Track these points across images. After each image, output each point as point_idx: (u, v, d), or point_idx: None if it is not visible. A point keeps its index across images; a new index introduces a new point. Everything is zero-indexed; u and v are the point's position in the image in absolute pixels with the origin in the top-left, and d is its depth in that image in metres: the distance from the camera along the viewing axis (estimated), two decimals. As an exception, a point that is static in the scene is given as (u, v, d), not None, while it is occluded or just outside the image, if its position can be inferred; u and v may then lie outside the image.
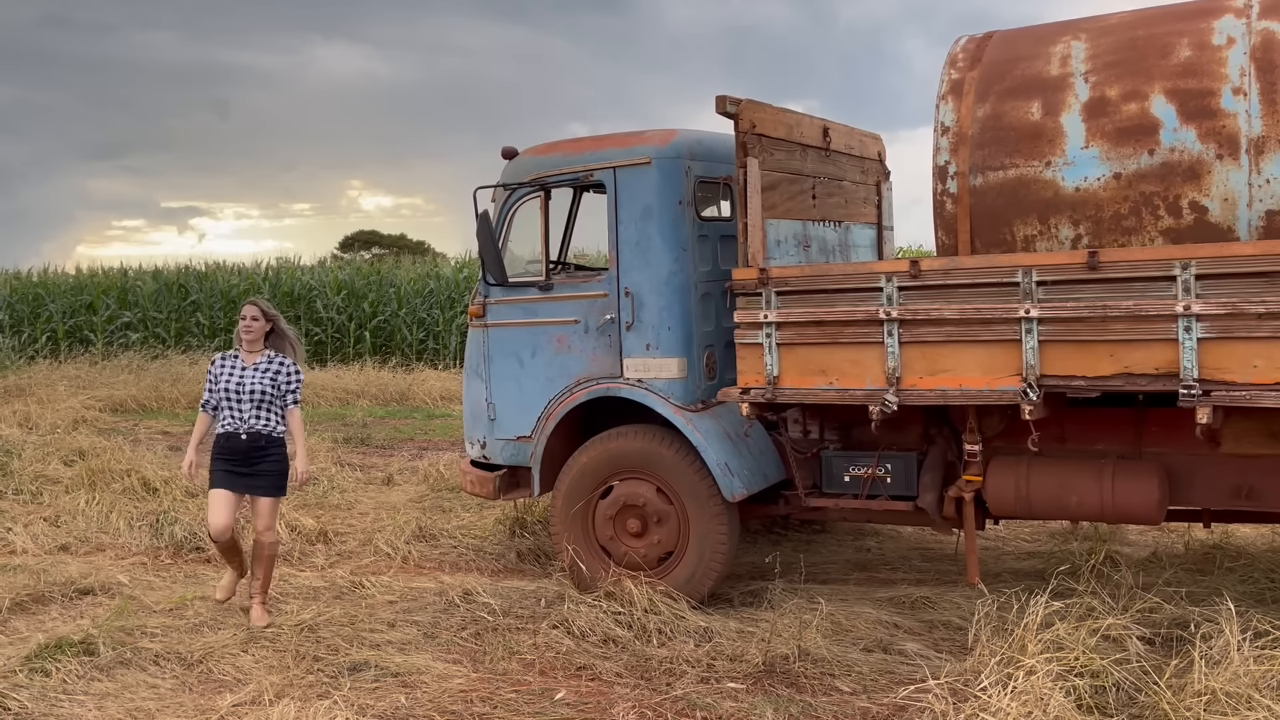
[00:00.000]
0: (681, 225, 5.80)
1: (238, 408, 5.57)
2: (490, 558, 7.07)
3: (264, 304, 5.74)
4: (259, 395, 5.56)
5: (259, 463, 5.58)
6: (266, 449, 5.60)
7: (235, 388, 5.57)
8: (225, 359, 5.70)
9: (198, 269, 22.13)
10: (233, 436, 5.59)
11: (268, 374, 5.61)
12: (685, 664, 4.97)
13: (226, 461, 5.58)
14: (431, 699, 4.67)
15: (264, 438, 5.59)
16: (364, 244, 44.66)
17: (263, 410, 5.58)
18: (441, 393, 15.93)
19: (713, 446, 5.62)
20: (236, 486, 5.59)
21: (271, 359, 5.65)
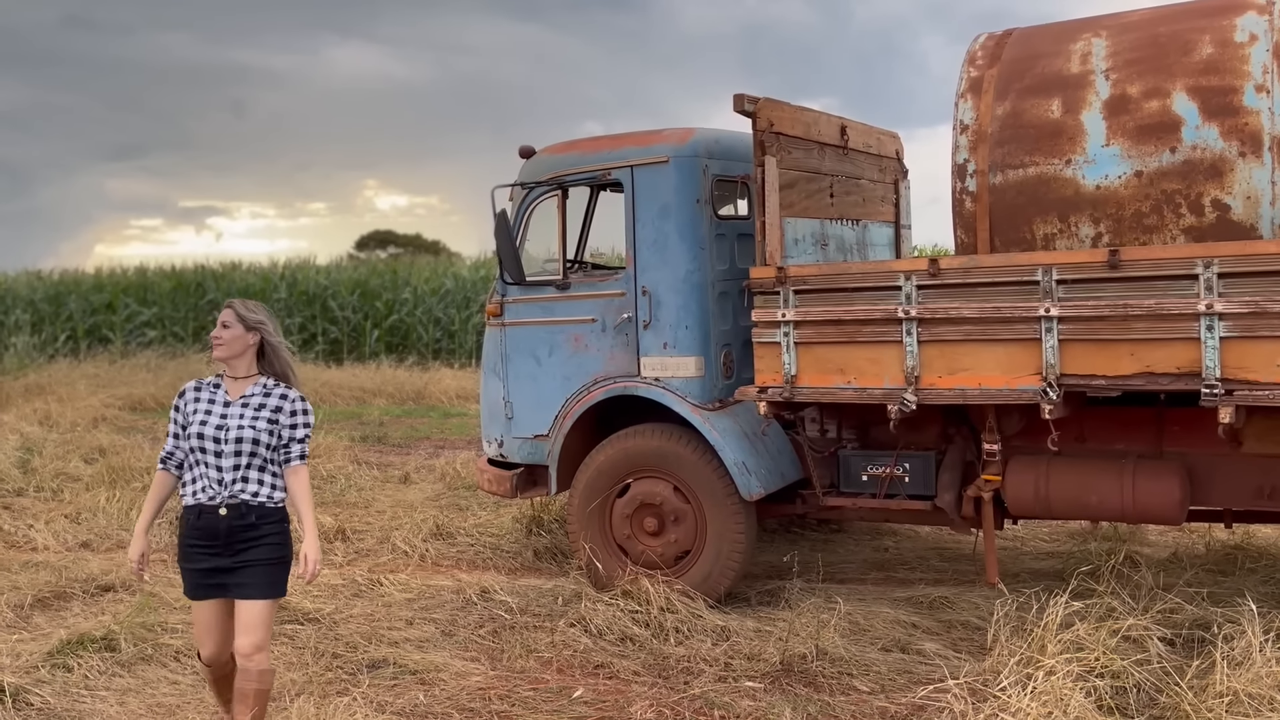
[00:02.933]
0: (699, 224, 5.80)
1: (214, 465, 3.69)
2: (507, 556, 7.08)
3: (246, 307, 3.86)
4: (249, 445, 3.70)
5: (246, 549, 3.70)
6: (258, 528, 3.71)
7: (213, 434, 3.69)
8: (202, 388, 3.83)
9: (214, 268, 22.28)
10: (207, 512, 3.68)
11: (263, 412, 3.75)
12: (703, 663, 4.97)
13: (201, 551, 3.71)
14: (450, 696, 4.68)
15: (254, 511, 3.70)
16: (379, 243, 44.85)
17: (253, 470, 3.72)
18: (457, 391, 15.98)
19: (730, 445, 5.61)
20: (225, 589, 3.76)
21: (269, 390, 3.80)
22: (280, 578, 3.78)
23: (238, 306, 3.86)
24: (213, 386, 3.83)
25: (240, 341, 3.79)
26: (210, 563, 3.71)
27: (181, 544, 3.76)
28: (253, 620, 3.72)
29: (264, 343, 3.82)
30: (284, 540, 3.79)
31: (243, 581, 3.71)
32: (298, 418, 3.83)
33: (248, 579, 3.71)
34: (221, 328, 3.80)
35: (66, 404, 13.89)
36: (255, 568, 3.71)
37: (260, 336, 3.81)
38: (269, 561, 3.73)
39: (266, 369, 3.84)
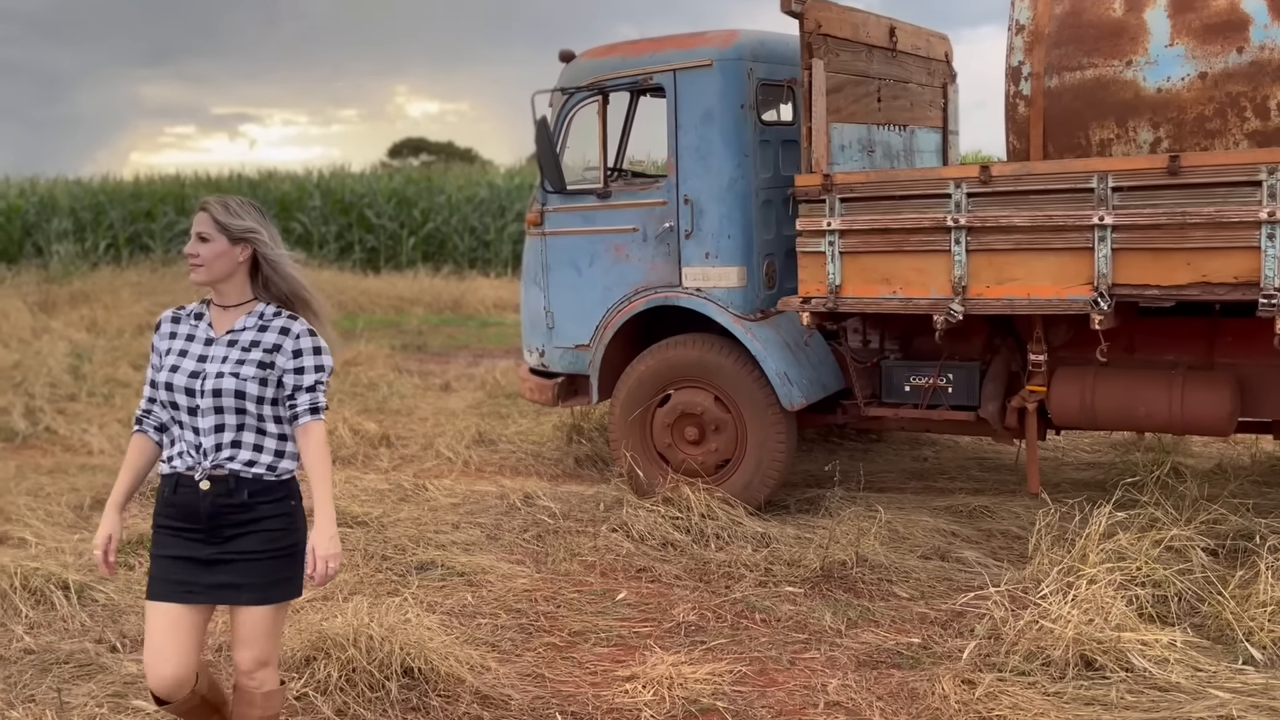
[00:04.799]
0: (743, 130, 5.69)
1: (190, 425, 2.75)
2: (548, 463, 7.18)
3: (228, 209, 2.78)
4: (231, 400, 2.72)
5: (236, 536, 2.74)
6: (251, 508, 2.74)
7: (185, 384, 2.73)
8: (181, 320, 2.85)
9: (250, 176, 22.27)
10: (184, 485, 2.74)
11: (253, 353, 2.75)
12: (743, 568, 5.05)
13: (173, 534, 2.76)
14: (497, 597, 4.80)
15: (245, 487, 2.73)
16: (412, 150, 44.62)
17: (246, 431, 2.75)
18: (494, 301, 16.05)
19: (772, 356, 5.60)
20: (196, 593, 2.75)
21: (267, 321, 2.80)
22: (288, 573, 2.76)
23: (216, 209, 2.74)
24: (194, 318, 2.81)
25: (225, 259, 2.73)
26: (183, 550, 2.69)
27: (155, 523, 2.79)
28: (253, 632, 2.76)
29: (257, 257, 2.78)
30: (292, 523, 2.78)
31: (233, 581, 2.70)
32: (304, 358, 2.75)
33: (241, 577, 2.70)
34: (197, 241, 2.73)
35: (112, 311, 14.10)
36: (250, 562, 2.70)
37: (251, 249, 2.76)
38: (270, 554, 2.72)
39: (264, 293, 2.80)
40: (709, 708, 3.67)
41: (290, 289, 2.83)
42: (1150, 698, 3.58)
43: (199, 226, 2.76)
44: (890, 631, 4.32)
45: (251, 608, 2.77)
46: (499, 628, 4.45)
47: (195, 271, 2.78)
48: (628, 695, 3.77)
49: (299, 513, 2.84)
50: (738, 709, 3.66)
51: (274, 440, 2.79)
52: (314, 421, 2.79)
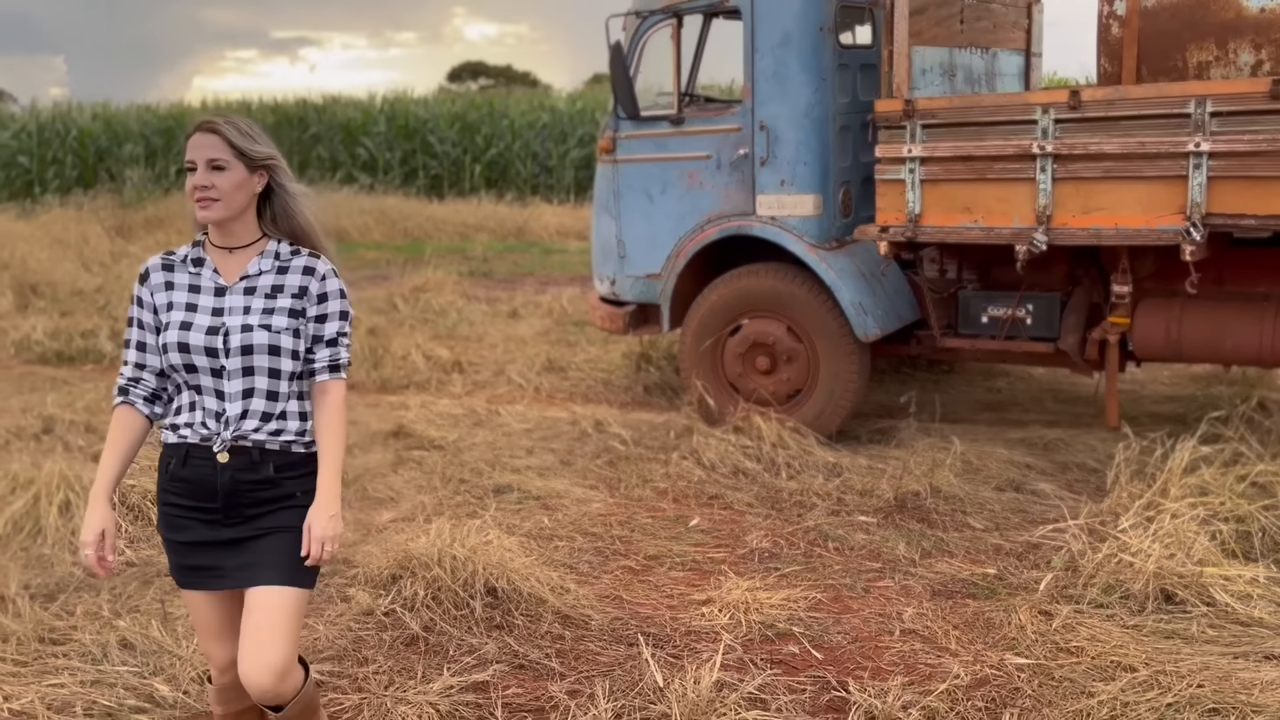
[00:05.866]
0: (822, 53, 5.56)
1: (212, 389, 2.34)
2: (618, 390, 7.25)
3: (241, 131, 2.35)
4: (265, 357, 2.33)
5: (261, 515, 2.36)
6: (278, 484, 2.37)
7: (205, 343, 2.31)
8: (175, 268, 2.38)
9: (315, 102, 22.35)
10: (199, 458, 2.34)
11: (280, 298, 2.36)
12: (815, 497, 5.09)
13: (186, 514, 2.36)
14: (572, 521, 4.91)
15: (272, 459, 2.36)
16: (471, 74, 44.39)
17: (274, 394, 2.36)
18: (557, 227, 16.06)
19: (847, 286, 5.55)
20: (226, 577, 2.38)
21: (285, 260, 2.40)
22: None
23: (230, 132, 2.31)
24: (191, 264, 2.35)
25: (244, 191, 2.32)
26: (201, 532, 2.33)
27: (160, 500, 2.38)
28: (271, 621, 2.29)
29: (273, 187, 2.38)
30: None
31: (255, 560, 2.32)
32: (329, 304, 2.36)
33: (264, 556, 2.32)
34: (210, 170, 2.28)
35: (185, 235, 14.28)
36: (275, 538, 2.33)
37: (266, 179, 2.38)
38: (297, 532, 2.34)
39: (273, 228, 2.41)
40: (785, 632, 3.73)
41: (301, 226, 2.43)
42: (1232, 632, 3.56)
43: (211, 152, 2.29)
44: (965, 562, 4.33)
45: (273, 589, 2.29)
46: (575, 550, 4.55)
47: (209, 208, 2.29)
48: (704, 618, 3.85)
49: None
50: (814, 634, 3.72)
51: (301, 403, 2.39)
52: (334, 380, 2.38)
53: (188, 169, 2.33)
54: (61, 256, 12.00)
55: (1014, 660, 3.43)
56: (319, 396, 2.39)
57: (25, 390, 7.29)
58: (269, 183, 2.40)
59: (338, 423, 2.39)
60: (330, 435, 2.38)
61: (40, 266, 11.22)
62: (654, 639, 3.65)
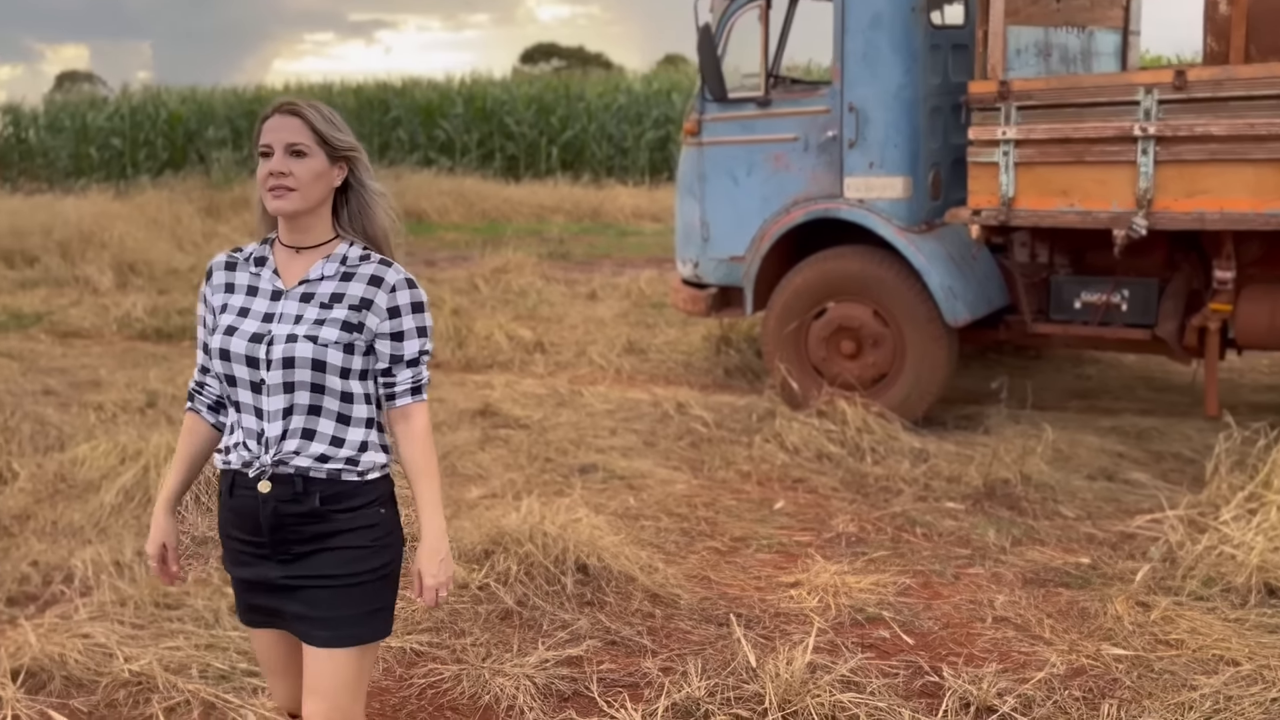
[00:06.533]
0: (914, 34, 5.49)
1: (251, 406, 2.06)
2: (699, 373, 7.28)
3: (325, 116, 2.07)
4: (307, 373, 2.01)
5: (308, 554, 2.05)
6: (328, 518, 2.04)
7: (246, 350, 2.03)
8: (238, 265, 2.14)
9: (394, 85, 22.69)
10: (241, 486, 2.07)
11: (338, 309, 2.05)
12: (901, 482, 5.06)
13: (242, 548, 2.10)
14: (657, 501, 4.95)
15: (318, 490, 2.04)
16: (543, 56, 44.60)
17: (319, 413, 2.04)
18: (633, 209, 16.11)
19: (936, 270, 5.49)
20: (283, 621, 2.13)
21: (352, 264, 2.08)
22: (378, 604, 2.07)
23: (313, 115, 2.04)
24: (254, 264, 2.11)
25: (322, 183, 2.05)
26: (253, 570, 2.08)
27: (220, 531, 2.14)
28: (328, 681, 2.05)
29: (351, 182, 2.10)
30: (383, 539, 2.07)
31: (304, 613, 2.05)
32: (404, 319, 2.06)
33: (312, 608, 2.04)
34: (288, 156, 2.00)
35: (275, 217, 14.73)
36: (324, 589, 2.03)
37: (348, 171, 2.10)
38: (351, 580, 2.03)
39: (349, 230, 2.11)
40: (875, 617, 3.73)
41: (379, 227, 2.13)
42: (1340, 629, 3.47)
43: (291, 136, 2.01)
44: (1057, 551, 4.28)
45: (326, 650, 2.03)
46: (662, 530, 4.60)
47: (284, 198, 2.01)
48: (793, 600, 3.87)
49: (392, 523, 2.10)
50: (904, 619, 3.71)
51: (359, 428, 2.06)
52: (416, 404, 2.09)
53: (262, 154, 2.04)
54: (156, 236, 12.41)
55: (1111, 651, 3.39)
56: (400, 423, 2.08)
57: (129, 365, 7.58)
58: (347, 177, 2.10)
59: (427, 451, 2.09)
60: (423, 468, 2.08)
61: (137, 245, 11.62)
62: (744, 620, 3.68)
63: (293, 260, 2.10)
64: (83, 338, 8.82)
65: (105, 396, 6.45)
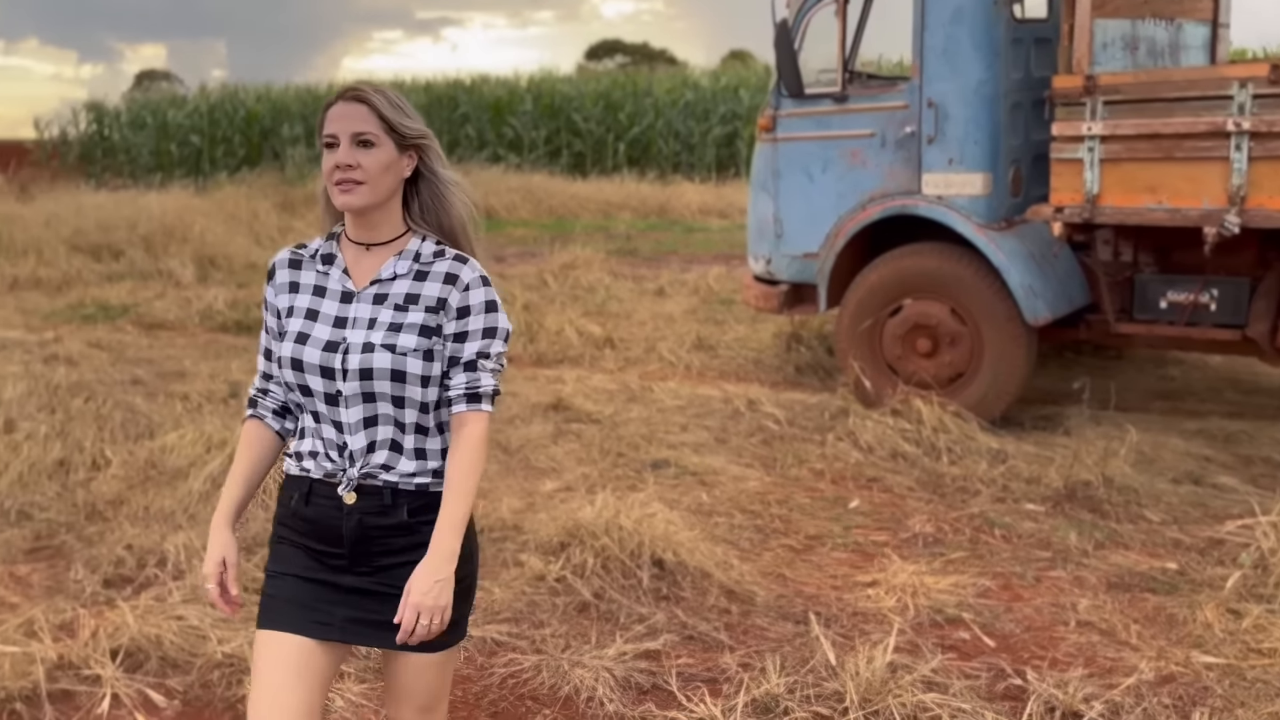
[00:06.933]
0: (995, 28, 5.41)
1: (328, 417, 1.94)
2: (769, 369, 7.26)
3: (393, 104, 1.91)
4: (386, 383, 1.90)
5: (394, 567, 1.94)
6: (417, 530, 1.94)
7: (320, 360, 1.91)
8: (303, 263, 1.99)
9: (464, 82, 22.95)
10: (320, 496, 1.95)
11: (414, 310, 1.91)
12: (979, 482, 4.99)
13: (309, 558, 1.97)
14: (730, 498, 4.95)
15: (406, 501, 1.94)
16: (607, 52, 44.77)
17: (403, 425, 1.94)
18: (700, 206, 16.10)
19: (1016, 268, 5.41)
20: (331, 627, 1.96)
21: (426, 261, 1.94)
22: (460, 612, 1.96)
23: (380, 102, 1.89)
24: (321, 261, 1.97)
25: (392, 174, 1.91)
26: (318, 572, 1.96)
27: (275, 535, 2.02)
28: (418, 683, 2.01)
29: (422, 171, 1.96)
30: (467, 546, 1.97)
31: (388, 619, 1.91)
32: (470, 319, 1.92)
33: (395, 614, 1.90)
34: (355, 146, 1.87)
35: (344, 214, 15.03)
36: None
37: (418, 158, 1.96)
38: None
39: (421, 223, 1.98)
40: (954, 618, 3.70)
41: (455, 220, 1.98)
42: None
43: (358, 125, 1.87)
44: (1142, 555, 4.19)
45: (417, 655, 1.95)
46: (735, 527, 4.60)
47: (352, 191, 1.87)
48: (871, 600, 3.84)
49: (472, 532, 2.00)
50: (984, 621, 3.67)
51: (436, 439, 1.97)
52: (470, 412, 1.91)
53: (326, 145, 1.90)
54: (235, 231, 12.73)
55: (1202, 659, 3.32)
56: (455, 429, 1.93)
57: (211, 357, 7.79)
58: (417, 167, 1.96)
59: (469, 464, 1.90)
60: (458, 479, 1.90)
61: (216, 240, 11.94)
62: (822, 618, 3.67)
63: (362, 258, 1.96)
64: (167, 329, 9.09)
65: (190, 387, 6.64)
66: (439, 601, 1.87)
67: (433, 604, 1.86)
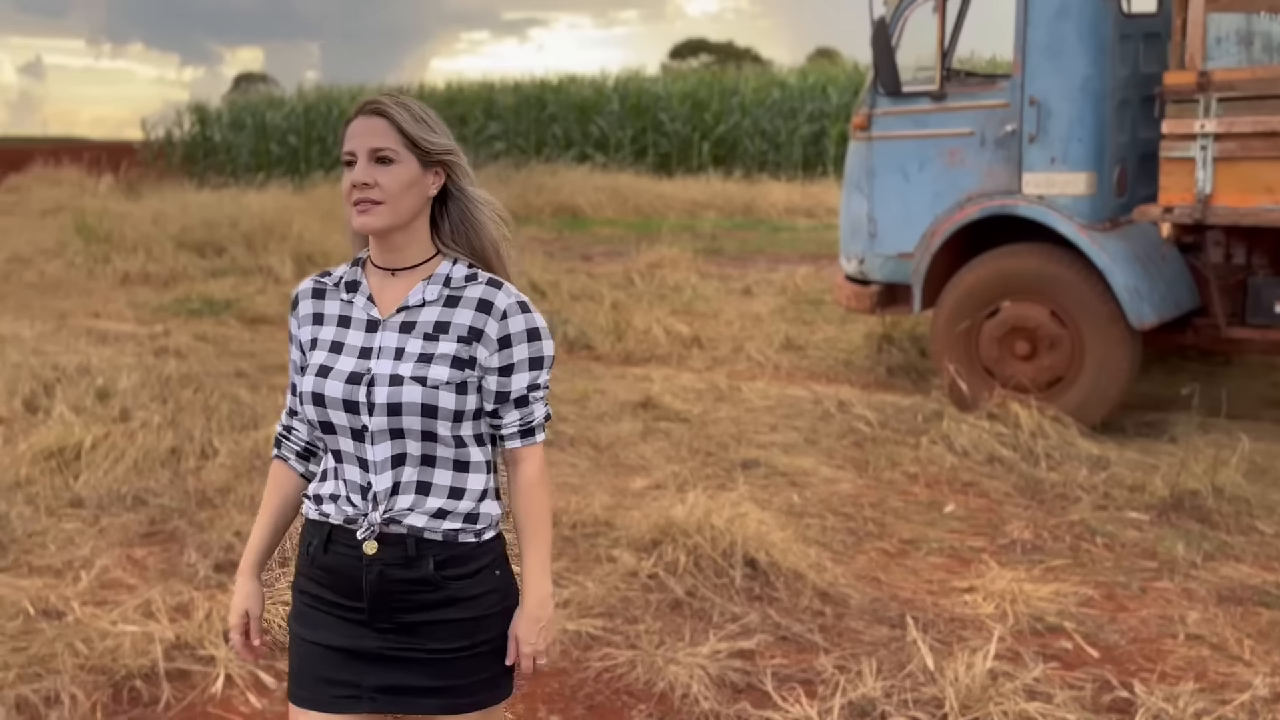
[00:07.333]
0: (1103, 23, 5.27)
1: (353, 455, 1.76)
2: (859, 370, 7.18)
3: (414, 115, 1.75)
4: (416, 419, 1.72)
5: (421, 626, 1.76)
6: (443, 586, 1.75)
7: (344, 394, 1.73)
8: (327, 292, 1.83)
9: (551, 82, 23.19)
10: (339, 543, 1.76)
11: (444, 341, 1.74)
12: (1079, 489, 4.87)
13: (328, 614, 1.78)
14: (821, 499, 4.92)
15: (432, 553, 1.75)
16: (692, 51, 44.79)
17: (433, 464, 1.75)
18: (786, 205, 16.01)
19: (1120, 269, 5.26)
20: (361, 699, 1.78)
21: (457, 286, 1.77)
22: (497, 669, 1.82)
23: (400, 114, 1.74)
24: (345, 289, 1.82)
25: (414, 193, 1.75)
26: (340, 636, 1.78)
27: (295, 586, 1.85)
28: None
29: (450, 189, 1.80)
30: (500, 603, 1.81)
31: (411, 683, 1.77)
32: (514, 349, 1.76)
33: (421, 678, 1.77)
34: (373, 164, 1.73)
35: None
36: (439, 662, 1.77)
37: (445, 176, 1.79)
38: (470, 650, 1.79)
39: (451, 245, 1.82)
40: (1056, 627, 3.62)
41: (486, 241, 1.82)
42: None
43: (376, 140, 1.73)
44: (1254, 568, 4.04)
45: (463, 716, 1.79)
46: (828, 529, 4.57)
47: (370, 212, 1.72)
48: (968, 606, 3.78)
49: (509, 585, 1.82)
50: (1088, 631, 3.58)
51: (479, 474, 1.78)
52: (526, 448, 1.79)
53: (345, 163, 1.76)
54: (331, 229, 13.06)
55: (1321, 677, 3.19)
56: (511, 468, 1.81)
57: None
58: (446, 185, 1.80)
59: (540, 506, 1.80)
60: (533, 521, 1.80)
61: (314, 238, 12.27)
62: (919, 622, 3.62)
63: (388, 284, 1.79)
64: (268, 323, 9.38)
65: (291, 379, 6.85)
66: (547, 642, 1.83)
67: (544, 645, 1.82)
